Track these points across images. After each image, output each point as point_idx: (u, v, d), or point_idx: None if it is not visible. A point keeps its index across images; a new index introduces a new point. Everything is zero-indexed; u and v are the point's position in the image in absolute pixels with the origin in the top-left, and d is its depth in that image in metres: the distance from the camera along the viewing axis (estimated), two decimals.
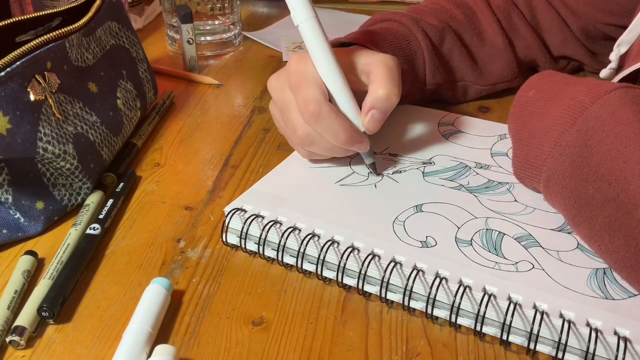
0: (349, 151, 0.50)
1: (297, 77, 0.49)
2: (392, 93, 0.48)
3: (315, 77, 0.48)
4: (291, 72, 0.49)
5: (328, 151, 0.50)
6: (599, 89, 0.42)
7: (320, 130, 0.48)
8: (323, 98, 0.47)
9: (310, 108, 0.47)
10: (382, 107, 0.48)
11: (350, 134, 0.48)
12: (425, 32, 0.61)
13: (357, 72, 0.51)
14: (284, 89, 0.50)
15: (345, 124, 0.47)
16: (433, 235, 0.44)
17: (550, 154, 0.43)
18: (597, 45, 0.68)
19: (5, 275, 0.44)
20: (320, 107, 0.47)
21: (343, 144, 0.48)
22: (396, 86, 0.49)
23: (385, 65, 0.49)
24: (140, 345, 0.37)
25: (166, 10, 0.82)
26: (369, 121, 0.48)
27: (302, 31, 0.48)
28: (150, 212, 0.51)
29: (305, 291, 0.43)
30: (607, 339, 0.36)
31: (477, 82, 0.65)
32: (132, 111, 0.59)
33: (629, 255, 0.37)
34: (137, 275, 0.44)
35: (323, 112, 0.47)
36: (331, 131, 0.47)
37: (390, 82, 0.48)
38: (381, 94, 0.48)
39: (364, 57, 0.51)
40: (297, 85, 0.48)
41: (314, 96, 0.47)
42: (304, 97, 0.47)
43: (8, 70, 0.44)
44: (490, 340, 0.39)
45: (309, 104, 0.47)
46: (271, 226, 0.44)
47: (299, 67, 0.49)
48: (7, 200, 0.47)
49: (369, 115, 0.48)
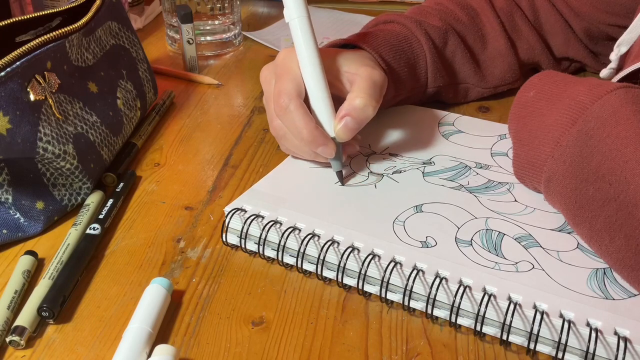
0: (317, 155, 0.49)
1: (280, 70, 0.50)
2: (369, 105, 0.48)
3: (295, 72, 0.49)
4: (277, 65, 0.51)
5: (297, 149, 0.51)
6: (599, 89, 0.42)
7: (287, 125, 0.48)
8: (295, 94, 0.48)
9: (280, 100, 0.48)
10: (357, 117, 0.48)
11: (314, 134, 0.47)
12: (428, 35, 0.61)
13: (342, 77, 0.51)
14: (271, 80, 0.51)
15: (309, 124, 0.47)
16: (433, 235, 0.44)
17: (550, 154, 0.43)
18: (599, 46, 0.68)
19: (5, 275, 0.44)
20: (290, 101, 0.47)
21: (306, 143, 0.48)
22: (375, 100, 0.49)
23: (370, 79, 0.49)
24: (140, 345, 0.37)
25: (166, 10, 0.82)
26: (342, 128, 0.48)
27: (292, 28, 0.49)
28: (150, 212, 0.51)
29: (305, 291, 0.43)
30: (607, 339, 0.36)
31: (478, 84, 0.65)
32: (132, 111, 0.59)
33: (629, 255, 0.37)
34: (137, 275, 0.44)
35: (291, 106, 0.47)
36: (295, 127, 0.48)
37: (370, 95, 0.48)
38: (358, 103, 0.48)
39: (353, 65, 0.51)
40: (279, 76, 0.49)
41: (287, 89, 0.48)
42: (278, 89, 0.48)
43: (8, 70, 0.43)
44: (490, 340, 0.39)
45: (280, 96, 0.48)
46: (271, 226, 0.44)
47: (284, 60, 0.50)
48: (7, 200, 0.47)
49: (343, 122, 0.48)
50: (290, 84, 0.48)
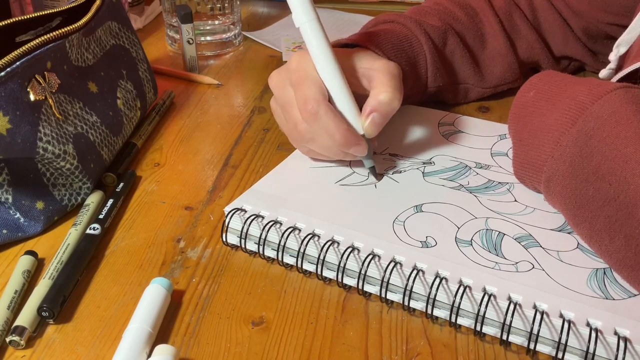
0: (348, 154, 0.50)
1: (297, 75, 0.49)
2: (395, 98, 0.48)
3: (315, 76, 0.48)
4: (292, 70, 0.50)
5: (326, 151, 0.50)
6: (599, 89, 0.42)
7: (318, 129, 0.48)
8: (322, 98, 0.47)
9: (309, 107, 0.47)
10: (384, 111, 0.48)
11: (347, 135, 0.47)
12: (428, 34, 0.61)
13: (358, 75, 0.51)
14: (285, 86, 0.50)
15: (342, 125, 0.47)
16: (433, 235, 0.44)
17: (550, 154, 0.43)
18: (598, 45, 0.68)
19: (5, 275, 0.44)
20: (319, 106, 0.47)
21: (339, 145, 0.48)
22: (399, 92, 0.49)
23: (388, 72, 0.49)
24: (140, 345, 0.37)
25: (166, 10, 0.82)
26: (369, 124, 0.48)
27: (303, 32, 0.48)
28: (150, 212, 0.51)
29: (305, 291, 0.43)
30: (607, 339, 0.36)
31: (478, 84, 0.65)
32: (132, 111, 0.59)
33: (629, 255, 0.37)
34: (137, 275, 0.44)
35: (321, 111, 0.47)
36: (328, 131, 0.47)
37: (393, 88, 0.49)
38: (384, 97, 0.48)
39: (366, 60, 0.51)
40: (298, 83, 0.49)
41: (313, 95, 0.47)
42: (303, 96, 0.48)
43: (8, 70, 0.43)
44: (490, 340, 0.39)
45: (308, 103, 0.47)
46: (271, 226, 0.44)
47: (300, 65, 0.49)
48: (7, 200, 0.47)
49: (370, 118, 0.48)
50: (314, 88, 0.48)
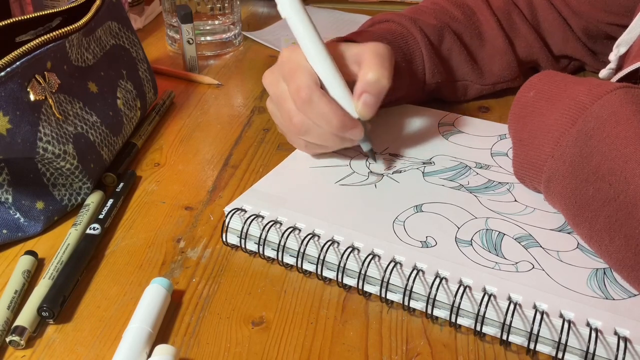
0: (346, 140, 0.50)
1: (289, 67, 0.49)
2: (382, 76, 0.48)
3: (306, 65, 0.48)
4: (283, 63, 0.50)
5: (323, 139, 0.50)
6: (599, 89, 0.42)
7: (313, 116, 0.48)
8: (314, 84, 0.47)
9: (302, 94, 0.47)
10: (373, 91, 0.48)
11: (343, 119, 0.48)
12: (424, 31, 0.61)
13: (348, 62, 0.51)
14: (279, 81, 0.50)
15: (337, 110, 0.47)
16: (433, 235, 0.44)
17: (550, 155, 0.43)
18: (598, 44, 0.68)
19: (5, 275, 0.44)
20: (312, 93, 0.47)
21: (336, 129, 0.48)
22: (386, 69, 0.49)
23: (375, 52, 0.49)
24: (140, 345, 0.37)
25: (166, 10, 0.82)
26: (362, 106, 0.48)
27: (290, 22, 0.48)
28: (150, 212, 0.51)
29: (305, 291, 0.43)
30: (607, 339, 0.36)
31: (477, 81, 0.65)
32: (132, 111, 0.59)
33: (629, 256, 0.37)
34: (137, 275, 0.44)
35: (314, 98, 0.47)
36: (323, 117, 0.47)
37: (380, 66, 0.48)
38: (370, 76, 0.48)
39: (355, 47, 0.51)
40: (289, 74, 0.49)
41: (305, 83, 0.47)
42: (295, 85, 0.48)
43: (8, 70, 0.43)
44: (490, 340, 0.39)
45: (300, 90, 0.47)
46: (271, 226, 0.44)
47: (290, 57, 0.50)
48: (7, 200, 0.47)
49: (362, 100, 0.48)
50: (305, 76, 0.48)
